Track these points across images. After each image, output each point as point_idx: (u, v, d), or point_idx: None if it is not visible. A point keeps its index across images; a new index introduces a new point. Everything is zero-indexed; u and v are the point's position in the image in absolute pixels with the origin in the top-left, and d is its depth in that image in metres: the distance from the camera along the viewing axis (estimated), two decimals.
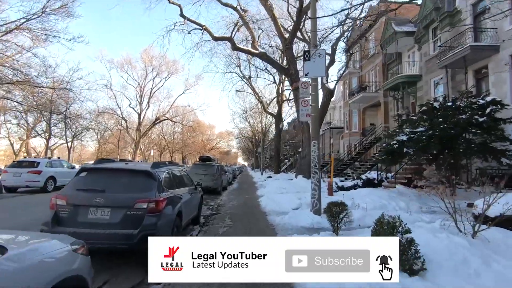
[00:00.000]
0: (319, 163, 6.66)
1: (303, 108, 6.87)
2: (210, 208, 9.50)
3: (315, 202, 6.61)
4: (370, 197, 9.23)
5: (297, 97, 15.43)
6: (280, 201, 9.11)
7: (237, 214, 7.96)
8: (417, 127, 9.77)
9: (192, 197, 6.08)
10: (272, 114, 30.40)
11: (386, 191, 10.11)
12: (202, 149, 58.74)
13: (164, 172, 4.67)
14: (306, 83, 7.00)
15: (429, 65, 15.77)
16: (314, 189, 6.67)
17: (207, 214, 8.35)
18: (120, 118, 38.09)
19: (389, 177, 13.41)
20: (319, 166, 6.64)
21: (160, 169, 4.61)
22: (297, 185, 13.42)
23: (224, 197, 12.21)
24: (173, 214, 4.40)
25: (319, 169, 6.67)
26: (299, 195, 9.85)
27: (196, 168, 14.46)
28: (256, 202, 10.08)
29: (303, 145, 15.61)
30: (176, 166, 5.88)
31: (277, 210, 8.14)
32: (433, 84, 15.65)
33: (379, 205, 8.34)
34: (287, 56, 14.74)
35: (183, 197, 5.18)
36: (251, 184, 20.34)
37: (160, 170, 4.55)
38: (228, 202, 10.57)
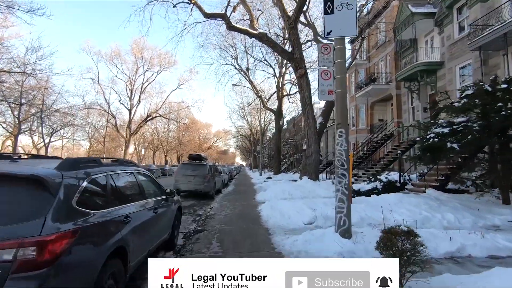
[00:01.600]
0: (349, 162, 4.56)
1: (324, 82, 4.77)
2: (196, 220, 7.36)
3: (343, 219, 4.50)
4: (403, 206, 7.15)
5: (301, 86, 13.35)
6: (287, 211, 6.99)
7: (229, 232, 5.83)
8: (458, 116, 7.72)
9: (159, 214, 3.97)
10: (271, 110, 28.29)
11: (420, 197, 8.02)
12: (198, 148, 56.58)
13: (86, 179, 2.50)
14: (327, 46, 4.89)
15: (453, 49, 13.72)
16: (340, 200, 4.56)
17: (190, 229, 6.22)
18: (107, 114, 35.54)
19: (412, 179, 11.34)
20: (348, 165, 4.54)
21: (77, 173, 2.45)
22: (303, 188, 11.33)
23: (217, 203, 10.08)
24: (98, 259, 2.27)
25: (348, 170, 4.56)
26: (309, 203, 7.75)
27: (184, 168, 12.31)
28: (255, 211, 7.96)
29: (308, 142, 13.52)
30: (129, 166, 3.73)
31: (284, 226, 6.02)
32: (458, 71, 13.59)
33: (420, 218, 6.27)
34: (291, 38, 12.63)
35: (134, 218, 3.06)
36: (249, 186, 18.21)
37: (74, 175, 2.39)
38: (220, 210, 8.45)
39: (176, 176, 12.17)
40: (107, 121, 36.87)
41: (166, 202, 4.50)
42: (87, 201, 2.42)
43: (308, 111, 13.42)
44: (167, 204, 4.53)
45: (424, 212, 6.56)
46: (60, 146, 45.30)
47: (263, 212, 7.67)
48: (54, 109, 20.83)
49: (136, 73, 36.89)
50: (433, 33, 16.05)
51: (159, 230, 4.08)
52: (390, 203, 7.58)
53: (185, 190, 12.08)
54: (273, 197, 10.34)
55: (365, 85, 21.17)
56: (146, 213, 3.54)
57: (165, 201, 4.47)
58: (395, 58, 19.16)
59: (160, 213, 4.11)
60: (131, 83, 36.57)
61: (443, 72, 14.63)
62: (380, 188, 10.36)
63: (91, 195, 2.56)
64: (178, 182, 11.98)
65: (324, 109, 15.98)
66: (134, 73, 36.76)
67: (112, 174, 3.02)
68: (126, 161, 3.75)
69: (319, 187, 11.68)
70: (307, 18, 17.34)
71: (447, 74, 14.22)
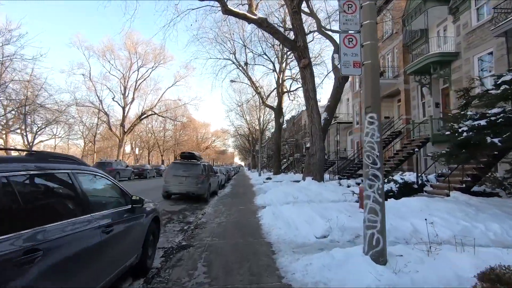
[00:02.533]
0: (382, 158, 3.34)
1: (347, 50, 3.55)
2: (183, 230, 6.12)
3: (376, 237, 3.27)
4: (432, 213, 5.93)
5: (305, 78, 12.13)
6: (293, 219, 5.77)
7: (222, 249, 4.60)
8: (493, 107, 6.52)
9: (116, 233, 2.74)
10: (271, 107, 27.06)
11: (448, 202, 6.81)
12: (196, 147, 55.31)
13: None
14: (351, 2, 3.65)
15: (471, 38, 12.54)
16: (372, 211, 3.34)
17: (174, 244, 4.98)
18: (99, 111, 33.99)
19: (430, 179, 10.14)
20: (382, 163, 3.32)
21: None
22: (308, 190, 10.10)
23: (211, 208, 8.84)
24: None
25: (382, 170, 3.34)
26: (317, 209, 6.51)
27: (174, 168, 11.03)
28: (255, 219, 6.72)
29: (312, 139, 12.29)
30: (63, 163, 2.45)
31: (291, 240, 4.79)
32: (476, 61, 12.40)
33: (458, 229, 5.05)
34: (295, 24, 11.40)
35: (54, 249, 1.81)
36: (247, 187, 16.97)
37: None
38: (214, 217, 7.21)
39: (166, 176, 10.90)
40: (97, 118, 35.36)
41: (132, 213, 3.27)
42: None
43: (312, 105, 12.21)
44: (134, 216, 3.30)
45: (461, 222, 5.34)
46: (52, 145, 43.86)
47: (264, 220, 6.44)
48: (37, 104, 19.40)
49: (130, 69, 35.56)
50: (447, 22, 14.87)
51: (118, 255, 2.84)
52: (415, 209, 6.38)
53: (175, 192, 10.83)
54: (275, 201, 9.11)
55: None
56: (88, 235, 2.30)
57: (130, 213, 3.24)
58: (403, 51, 17.98)
59: (121, 231, 2.88)
60: (125, 80, 35.21)
61: (459, 63, 13.45)
62: (396, 190, 9.15)
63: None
64: (168, 183, 10.73)
65: (328, 104, 14.76)
66: (128, 69, 35.43)
67: (13, 177, 1.77)
68: (59, 156, 2.50)
69: (326, 189, 10.46)
70: (310, 7, 16.12)
71: (463, 66, 13.02)
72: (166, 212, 8.46)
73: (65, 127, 32.78)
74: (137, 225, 3.38)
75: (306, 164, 13.22)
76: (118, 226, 2.84)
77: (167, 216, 7.87)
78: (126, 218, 3.10)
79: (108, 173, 19.99)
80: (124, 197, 3.27)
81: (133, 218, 3.28)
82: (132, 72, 35.81)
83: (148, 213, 3.78)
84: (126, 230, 3.03)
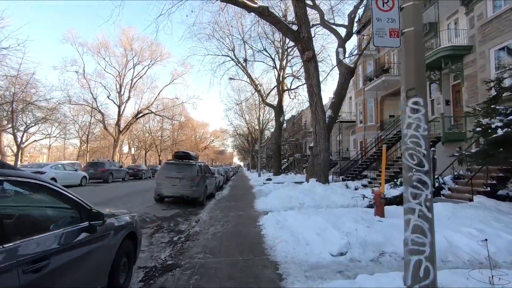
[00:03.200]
0: (429, 158, 2.47)
1: (381, 14, 2.69)
2: (172, 243, 5.23)
3: (424, 266, 2.40)
4: (462, 222, 5.06)
5: (309, 72, 11.25)
6: (301, 230, 4.88)
7: (216, 270, 3.72)
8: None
9: (42, 277, 1.82)
10: (271, 106, 26.17)
11: (477, 209, 5.95)
12: (194, 147, 54.37)
13: None
14: None
15: (487, 29, 11.70)
16: (417, 229, 2.46)
17: (158, 263, 4.08)
18: (92, 109, 32.86)
19: (447, 182, 9.28)
20: (431, 165, 2.45)
21: None
22: (313, 193, 9.22)
23: (206, 213, 7.95)
24: None
25: (429, 174, 2.47)
26: (328, 216, 5.63)
27: (167, 169, 10.11)
28: (256, 229, 5.83)
29: (316, 138, 11.41)
30: None
31: (301, 259, 3.91)
32: (493, 55, 11.56)
33: (503, 244, 4.18)
34: (298, 13, 10.54)
35: None
36: (247, 189, 16.08)
37: None
38: (209, 225, 6.33)
39: (158, 178, 9.98)
40: (91, 116, 34.25)
41: (91, 233, 2.38)
42: None
43: (317, 102, 11.33)
44: (94, 237, 2.41)
45: (503, 234, 4.46)
46: (47, 145, 42.86)
47: (266, 230, 5.55)
48: (25, 101, 18.31)
49: (126, 66, 34.48)
50: (458, 14, 14.04)
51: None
52: (441, 218, 5.50)
53: (168, 195, 9.93)
54: (278, 206, 8.23)
55: (375, 77, 19.12)
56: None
57: (88, 233, 2.34)
58: None
59: (66, 262, 2.00)
60: (121, 77, 34.17)
61: (472, 57, 12.62)
62: None
63: None
64: (161, 186, 9.82)
65: (333, 101, 13.89)
66: (124, 67, 34.38)
67: None
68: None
69: (332, 192, 9.58)
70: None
71: (478, 59, 12.19)
72: (156, 218, 7.57)
73: (60, 126, 31.84)
74: (99, 249, 2.49)
75: (309, 164, 12.34)
76: (61, 256, 1.96)
77: (157, 223, 6.98)
78: (78, 241, 2.22)
79: (101, 174, 18.03)
80: (79, 212, 2.39)
81: (93, 239, 2.40)
82: (128, 70, 34.83)
83: (119, 230, 2.89)
84: (77, 259, 2.15)
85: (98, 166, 19.25)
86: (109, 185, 17.20)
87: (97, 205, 2.88)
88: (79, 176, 16.03)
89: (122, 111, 34.10)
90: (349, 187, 11.68)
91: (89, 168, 18.85)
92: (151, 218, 7.54)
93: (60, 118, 26.05)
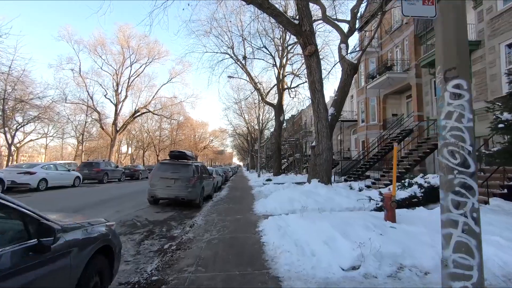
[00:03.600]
0: (475, 156, 1.93)
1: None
2: (161, 252, 4.69)
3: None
4: (486, 229, 4.52)
5: (311, 68, 10.72)
6: (306, 239, 4.35)
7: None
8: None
9: None
10: (271, 104, 25.64)
11: (496, 213, 5.43)
12: (193, 147, 53.82)
13: None
14: None
15: (497, 23, 11.20)
16: (461, 248, 1.92)
17: (143, 277, 3.55)
18: (87, 107, 32.18)
19: None
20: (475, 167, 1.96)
21: None
22: (317, 195, 8.70)
23: (201, 217, 7.41)
24: None
25: (475, 177, 1.93)
26: (335, 221, 5.10)
27: (162, 169, 9.56)
28: (256, 237, 5.29)
29: (318, 137, 10.89)
30: None
31: (307, 274, 3.37)
32: (504, 50, 11.05)
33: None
34: (300, 5, 10.01)
35: None
36: (246, 190, 15.54)
37: None
38: (204, 231, 5.79)
39: (152, 179, 9.43)
40: (86, 115, 33.67)
41: (40, 253, 1.83)
42: None
43: (319, 99, 10.81)
44: (43, 259, 1.86)
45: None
46: (44, 144, 42.28)
47: (267, 238, 5.02)
48: (17, 99, 17.69)
49: (123, 65, 33.89)
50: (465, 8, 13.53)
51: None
52: None
53: (163, 197, 9.39)
54: (278, 208, 7.71)
55: (378, 75, 18.59)
56: None
57: (38, 253, 1.80)
58: (415, 42, 16.65)
59: None
60: (118, 76, 33.57)
61: (481, 53, 12.11)
62: (420, 196, 7.76)
63: None
64: (155, 187, 9.28)
65: (336, 98, 13.35)
66: (121, 65, 33.77)
67: None
68: None
69: (336, 193, 9.06)
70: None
71: (487, 55, 11.68)
72: (148, 222, 7.03)
73: (57, 125, 31.25)
74: (54, 273, 1.95)
75: (311, 164, 11.80)
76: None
77: (148, 228, 6.44)
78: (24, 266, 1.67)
79: (95, 174, 17.41)
80: (26, 226, 1.84)
81: (44, 261, 1.86)
82: (125, 68, 34.24)
83: (86, 245, 2.36)
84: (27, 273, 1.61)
85: (93, 166, 18.69)
86: (104, 186, 16.64)
87: (85, 208, 2.33)
88: (72, 176, 15.42)
89: (119, 110, 33.55)
90: (353, 188, 11.16)
91: (83, 169, 18.30)
92: (142, 223, 6.99)
93: (55, 117, 25.41)
